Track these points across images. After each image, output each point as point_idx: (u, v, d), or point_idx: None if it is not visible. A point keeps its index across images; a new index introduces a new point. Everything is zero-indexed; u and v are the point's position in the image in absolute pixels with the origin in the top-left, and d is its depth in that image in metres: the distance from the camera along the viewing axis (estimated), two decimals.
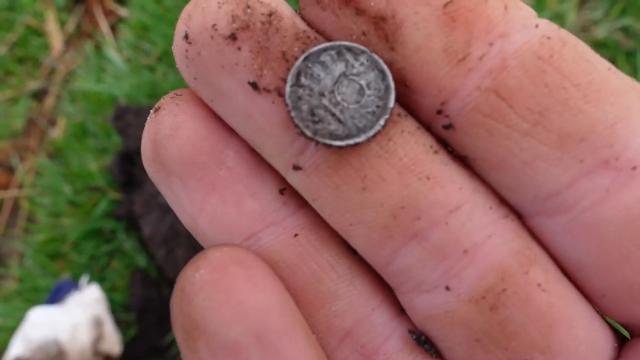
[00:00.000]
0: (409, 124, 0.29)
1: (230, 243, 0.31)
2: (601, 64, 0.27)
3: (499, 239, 0.29)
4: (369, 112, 0.29)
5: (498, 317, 0.29)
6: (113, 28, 2.46)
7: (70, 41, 2.51)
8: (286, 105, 0.29)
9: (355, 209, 0.29)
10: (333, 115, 0.29)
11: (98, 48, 2.41)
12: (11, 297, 2.06)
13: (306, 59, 0.29)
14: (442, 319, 0.30)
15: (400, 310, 0.32)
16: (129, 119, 1.91)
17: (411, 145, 0.29)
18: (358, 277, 0.32)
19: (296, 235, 0.31)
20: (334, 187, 0.29)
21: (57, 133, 2.31)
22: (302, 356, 0.27)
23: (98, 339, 1.73)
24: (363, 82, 0.29)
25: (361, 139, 0.28)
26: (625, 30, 2.03)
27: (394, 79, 0.28)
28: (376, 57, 0.29)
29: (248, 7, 0.29)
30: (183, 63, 0.31)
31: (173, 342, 1.90)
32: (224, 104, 0.31)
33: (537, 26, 0.27)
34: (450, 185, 0.29)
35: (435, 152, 0.29)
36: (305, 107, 0.29)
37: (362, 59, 0.29)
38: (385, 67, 0.28)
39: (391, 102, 0.28)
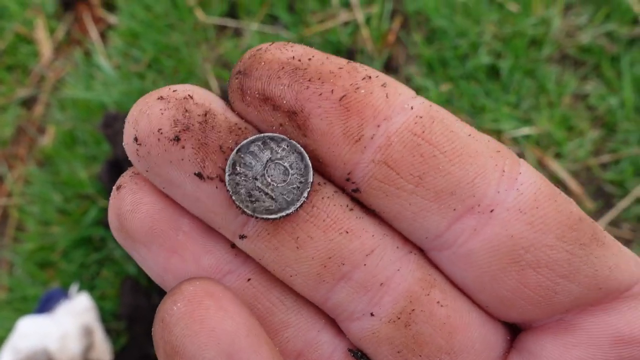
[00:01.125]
0: (327, 190, 0.37)
1: (201, 276, 0.37)
2: (463, 132, 0.35)
3: (405, 270, 0.37)
4: (294, 187, 0.36)
5: (411, 331, 0.37)
6: (102, 35, 2.46)
7: (59, 49, 2.51)
8: (227, 191, 0.35)
9: (293, 264, 0.36)
10: (266, 194, 0.36)
11: (87, 55, 2.41)
12: (0, 306, 2.05)
13: (238, 150, 0.35)
14: (371, 339, 0.37)
15: (339, 330, 0.39)
16: (118, 127, 1.91)
17: (331, 208, 0.36)
18: (303, 307, 0.39)
19: (249, 279, 0.38)
20: (273, 249, 0.36)
21: (46, 141, 2.31)
22: None
23: (88, 347, 1.73)
24: (287, 164, 0.36)
25: (290, 210, 0.35)
26: (609, 35, 2.05)
27: (310, 158, 0.35)
28: (294, 142, 0.35)
29: (186, 110, 0.35)
30: (135, 159, 0.36)
31: None
32: (174, 191, 0.36)
33: (412, 108, 0.34)
34: (365, 234, 0.36)
35: (351, 209, 0.37)
36: (243, 191, 0.35)
37: (283, 145, 0.36)
38: (302, 149, 0.35)
39: (310, 178, 0.35)
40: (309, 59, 0.35)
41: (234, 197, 0.35)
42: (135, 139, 0.35)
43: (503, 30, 2.05)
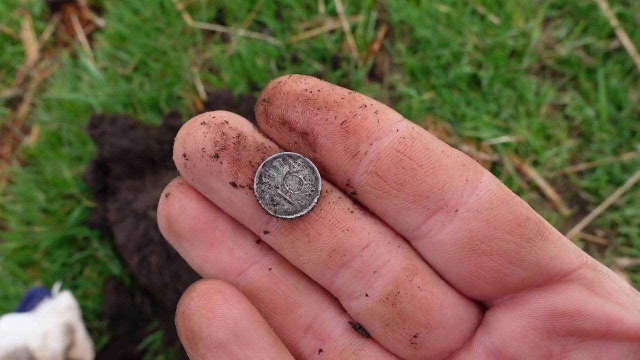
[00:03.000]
0: (332, 197, 0.47)
1: (212, 278, 0.48)
2: (437, 149, 0.45)
3: (393, 261, 0.47)
4: (307, 194, 0.46)
5: (397, 309, 0.47)
6: (90, 37, 2.47)
7: (46, 49, 2.51)
8: (255, 196, 0.45)
9: (305, 254, 0.47)
10: (285, 199, 0.46)
11: (74, 57, 2.42)
12: None
13: (264, 165, 0.45)
14: (366, 314, 0.48)
15: (341, 310, 0.49)
16: (105, 128, 1.93)
17: (335, 211, 0.46)
18: (313, 291, 0.49)
19: (270, 269, 0.48)
20: (290, 242, 0.47)
21: (30, 141, 2.31)
22: (264, 343, 0.44)
23: (69, 346, 1.73)
24: (301, 176, 0.46)
25: (304, 212, 0.45)
26: (586, 48, 2.12)
27: (318, 167, 0.46)
28: (307, 160, 0.46)
29: (223, 133, 0.45)
30: (183, 171, 0.46)
31: (145, 350, 1.90)
32: (213, 195, 0.47)
33: (397, 130, 0.44)
34: (362, 232, 0.46)
35: (352, 212, 0.47)
36: (267, 196, 0.46)
37: (299, 161, 0.46)
38: (313, 165, 0.46)
39: (319, 187, 0.45)
40: (318, 91, 0.45)
41: (260, 201, 0.45)
42: (184, 155, 0.46)
43: (484, 42, 2.11)
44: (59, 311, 1.79)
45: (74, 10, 2.51)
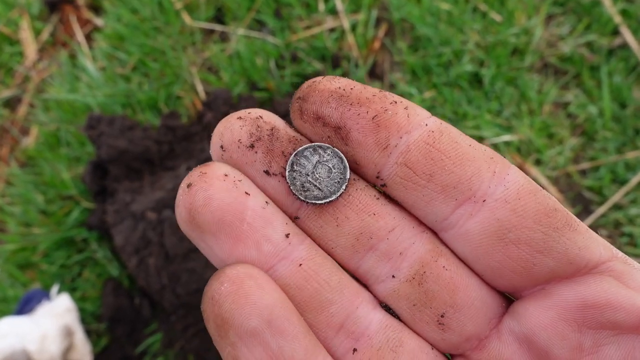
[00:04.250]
0: (360, 184, 0.49)
1: (240, 262, 0.46)
2: (464, 143, 0.46)
3: (419, 244, 0.48)
4: (336, 182, 0.48)
5: (423, 288, 0.48)
6: (88, 37, 2.45)
7: (44, 50, 2.50)
8: (287, 183, 0.48)
9: (334, 238, 0.48)
10: (315, 186, 0.48)
11: (73, 57, 2.40)
12: None
13: (296, 155, 0.48)
14: (393, 296, 0.49)
15: (374, 305, 0.49)
16: (103, 129, 1.91)
17: (362, 197, 0.48)
18: (345, 288, 0.48)
19: (300, 264, 0.47)
20: (319, 227, 0.49)
21: (29, 142, 2.29)
22: (297, 332, 0.44)
23: (68, 348, 1.71)
24: (330, 165, 0.48)
25: (332, 198, 0.48)
26: (589, 45, 2.09)
27: (349, 161, 0.48)
28: (336, 150, 0.48)
29: (258, 126, 0.48)
30: (220, 161, 0.48)
31: (144, 352, 1.88)
32: (249, 183, 0.48)
33: (426, 125, 0.46)
34: (387, 216, 0.48)
35: (377, 198, 0.48)
36: (298, 183, 0.48)
37: (328, 151, 0.48)
38: (342, 155, 0.48)
39: (348, 175, 0.48)
40: (351, 89, 0.47)
41: (291, 188, 0.48)
42: (221, 147, 0.48)
43: (486, 39, 2.08)
44: (58, 313, 1.77)
45: (73, 10, 2.50)
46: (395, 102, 0.47)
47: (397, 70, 2.14)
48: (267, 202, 0.47)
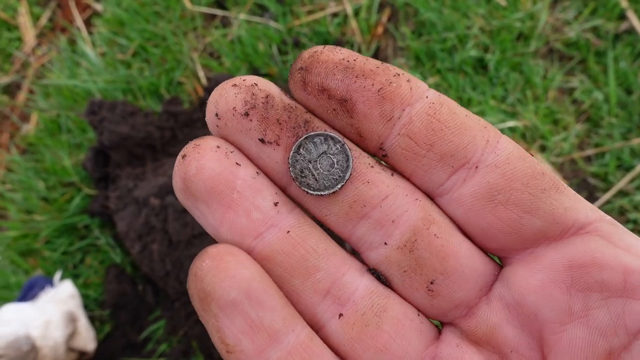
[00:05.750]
0: (355, 153, 0.49)
1: (225, 243, 0.48)
2: (461, 113, 0.48)
3: (411, 211, 0.49)
4: (334, 178, 0.49)
5: (414, 255, 0.49)
6: (88, 22, 2.42)
7: (43, 35, 2.47)
8: (288, 163, 0.49)
9: (328, 206, 0.50)
10: (313, 175, 0.49)
11: (72, 42, 2.38)
12: None
13: (306, 138, 0.49)
14: (384, 262, 0.50)
15: (362, 272, 0.51)
16: (104, 114, 1.89)
17: (357, 164, 0.49)
18: (332, 255, 0.50)
19: (288, 232, 0.49)
20: (313, 195, 0.50)
21: (29, 128, 2.27)
22: (275, 303, 0.46)
23: (72, 335, 1.71)
24: (335, 160, 0.49)
25: (324, 193, 0.49)
26: (595, 30, 2.07)
27: (354, 135, 0.49)
28: (346, 147, 0.49)
29: (253, 94, 0.48)
30: (215, 130, 0.49)
31: (148, 339, 1.88)
32: (244, 152, 0.49)
33: (427, 97, 0.48)
34: (381, 184, 0.49)
35: (372, 166, 0.50)
36: (298, 167, 0.49)
37: (338, 146, 0.49)
38: (350, 153, 0.49)
39: (348, 175, 0.49)
40: (354, 60, 0.48)
41: (290, 169, 0.49)
42: (216, 115, 0.48)
43: (491, 24, 2.06)
44: (61, 300, 1.77)
45: None
46: (398, 75, 0.48)
47: (400, 55, 2.12)
48: (257, 173, 0.49)
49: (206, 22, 2.27)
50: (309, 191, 0.49)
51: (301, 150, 0.49)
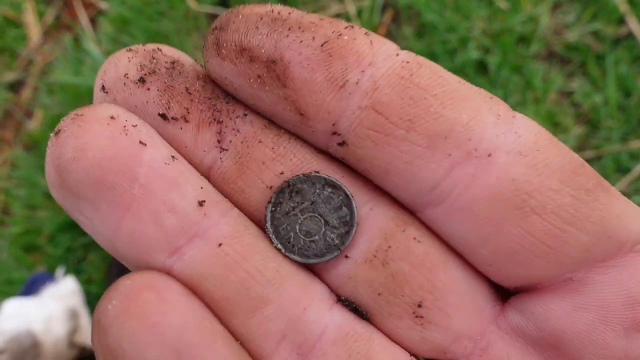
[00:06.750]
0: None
1: (142, 269, 0.32)
2: (452, 78, 0.33)
3: (378, 210, 0.35)
4: (325, 243, 0.35)
5: (389, 270, 0.35)
6: (92, 21, 2.44)
7: (48, 33, 2.49)
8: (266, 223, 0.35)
9: (261, 200, 0.35)
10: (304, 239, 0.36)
11: (77, 41, 2.40)
12: None
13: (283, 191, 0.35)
14: (349, 283, 0.35)
15: (330, 305, 0.35)
16: None
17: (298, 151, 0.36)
18: (287, 279, 0.34)
19: (220, 245, 0.33)
20: (239, 189, 0.36)
21: (33, 125, 2.29)
22: None
23: (74, 330, 1.73)
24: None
25: (310, 261, 0.36)
26: (595, 34, 2.09)
27: (294, 112, 0.34)
28: (346, 189, 0.35)
29: (153, 57, 0.35)
30: None
31: None
32: (151, 130, 0.34)
33: (398, 55, 0.33)
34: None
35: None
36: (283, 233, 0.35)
37: (328, 188, 0.36)
38: (351, 198, 0.35)
39: (348, 241, 0.35)
40: (289, 13, 0.34)
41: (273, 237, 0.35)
42: (103, 87, 0.35)
43: (492, 27, 2.08)
44: (63, 296, 1.79)
45: None
46: (352, 27, 0.33)
47: None
48: (173, 157, 0.33)
49: (210, 21, 2.28)
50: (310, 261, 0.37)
51: (293, 195, 0.36)
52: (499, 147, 0.32)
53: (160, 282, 0.31)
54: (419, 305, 0.35)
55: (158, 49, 0.36)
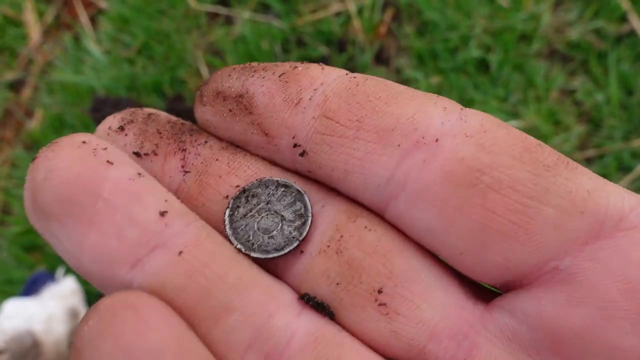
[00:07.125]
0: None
1: (125, 290, 0.32)
2: (399, 86, 0.36)
3: (329, 206, 0.38)
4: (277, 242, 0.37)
5: (344, 258, 0.35)
6: (92, 20, 2.44)
7: (48, 32, 2.48)
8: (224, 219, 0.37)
9: (215, 208, 0.38)
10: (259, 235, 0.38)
11: (77, 40, 2.39)
12: None
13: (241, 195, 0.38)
14: (307, 278, 0.36)
15: (298, 311, 0.35)
16: (108, 111, 1.91)
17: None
18: (251, 285, 0.34)
19: (181, 253, 0.32)
20: (201, 205, 0.38)
21: (33, 124, 2.29)
22: None
23: (74, 330, 1.73)
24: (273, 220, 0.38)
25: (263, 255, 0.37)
26: (597, 32, 2.08)
27: (260, 134, 0.38)
28: (300, 189, 0.38)
29: (133, 112, 0.40)
30: None
31: None
32: (120, 153, 0.37)
33: (347, 74, 0.37)
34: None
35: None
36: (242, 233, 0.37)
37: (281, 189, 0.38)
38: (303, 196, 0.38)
39: (304, 233, 0.37)
40: (258, 64, 0.39)
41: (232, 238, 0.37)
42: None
43: (493, 25, 2.07)
44: (63, 295, 1.78)
45: None
46: (309, 63, 0.38)
47: (403, 55, 2.13)
48: (139, 174, 0.34)
49: (210, 20, 2.28)
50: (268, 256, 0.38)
51: (250, 198, 0.38)
52: (445, 133, 0.33)
53: (142, 301, 0.30)
54: (379, 291, 0.34)
55: (139, 108, 0.41)
